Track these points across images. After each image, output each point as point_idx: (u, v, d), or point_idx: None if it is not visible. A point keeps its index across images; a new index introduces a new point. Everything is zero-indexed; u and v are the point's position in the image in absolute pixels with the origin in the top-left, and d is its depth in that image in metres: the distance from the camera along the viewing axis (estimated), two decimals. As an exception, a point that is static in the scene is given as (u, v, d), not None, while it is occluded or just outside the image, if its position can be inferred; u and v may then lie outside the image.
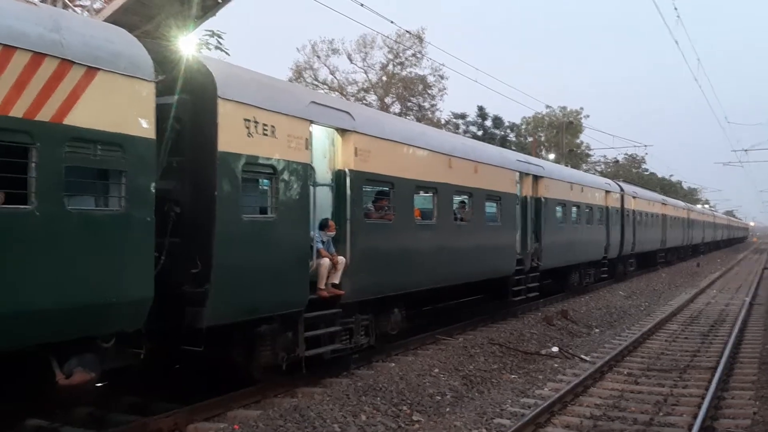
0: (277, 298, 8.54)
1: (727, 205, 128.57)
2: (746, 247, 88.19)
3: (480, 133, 51.79)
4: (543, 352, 13.43)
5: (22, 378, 6.68)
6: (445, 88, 48.28)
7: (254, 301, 8.17)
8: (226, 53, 17.51)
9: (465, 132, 50.50)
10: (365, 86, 47.68)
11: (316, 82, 46.65)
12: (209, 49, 17.04)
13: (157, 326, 7.17)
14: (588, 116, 68.73)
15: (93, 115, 6.12)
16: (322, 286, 9.42)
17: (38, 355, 6.26)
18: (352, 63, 47.24)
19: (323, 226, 9.55)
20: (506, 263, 15.60)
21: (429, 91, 48.37)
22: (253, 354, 8.73)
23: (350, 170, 9.91)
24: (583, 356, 12.99)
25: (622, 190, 27.40)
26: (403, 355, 11.96)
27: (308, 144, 9.06)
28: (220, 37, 17.17)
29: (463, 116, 53.49)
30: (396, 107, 47.18)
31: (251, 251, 8.04)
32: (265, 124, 8.25)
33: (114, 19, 14.08)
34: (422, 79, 47.53)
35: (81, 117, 6.00)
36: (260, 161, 8.20)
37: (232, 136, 7.75)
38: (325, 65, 47.08)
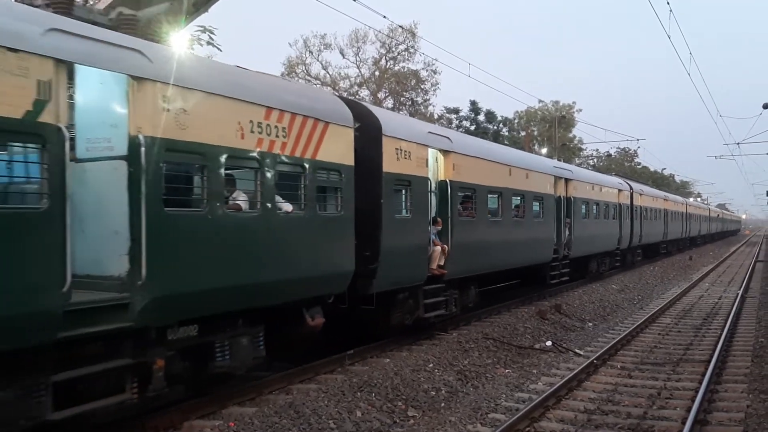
0: (411, 274, 11.99)
1: (719, 198, 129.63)
2: (739, 239, 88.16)
3: (473, 127, 49.86)
4: (537, 346, 13.61)
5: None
6: (437, 83, 47.99)
7: (399, 276, 11.61)
8: (218, 49, 17.61)
9: (458, 127, 48.86)
10: (358, 81, 47.40)
11: (308, 77, 45.72)
12: (201, 45, 16.89)
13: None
14: (581, 110, 68.81)
15: (327, 152, 9.50)
16: (434, 266, 12.83)
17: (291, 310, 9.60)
18: (344, 58, 47.08)
19: (433, 222, 12.97)
20: (547, 252, 19.13)
21: (422, 86, 47.98)
22: (389, 315, 12.13)
23: (450, 180, 13.33)
24: (576, 350, 13.21)
25: (631, 188, 30.92)
26: (397, 350, 12.06)
27: (427, 163, 12.48)
28: (212, 33, 17.14)
29: (456, 111, 51.56)
30: (389, 102, 46.68)
31: (399, 240, 11.47)
32: (405, 151, 11.67)
33: (104, 15, 15.41)
34: (415, 73, 47.16)
35: (323, 154, 9.39)
36: (403, 177, 11.62)
37: (389, 161, 11.18)
38: (318, 60, 46.68)
